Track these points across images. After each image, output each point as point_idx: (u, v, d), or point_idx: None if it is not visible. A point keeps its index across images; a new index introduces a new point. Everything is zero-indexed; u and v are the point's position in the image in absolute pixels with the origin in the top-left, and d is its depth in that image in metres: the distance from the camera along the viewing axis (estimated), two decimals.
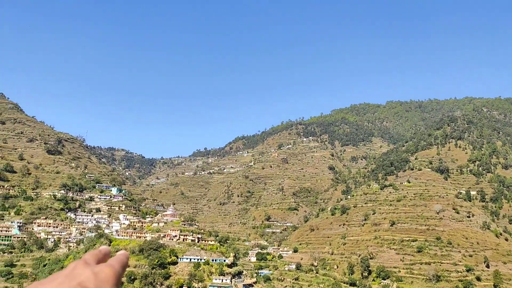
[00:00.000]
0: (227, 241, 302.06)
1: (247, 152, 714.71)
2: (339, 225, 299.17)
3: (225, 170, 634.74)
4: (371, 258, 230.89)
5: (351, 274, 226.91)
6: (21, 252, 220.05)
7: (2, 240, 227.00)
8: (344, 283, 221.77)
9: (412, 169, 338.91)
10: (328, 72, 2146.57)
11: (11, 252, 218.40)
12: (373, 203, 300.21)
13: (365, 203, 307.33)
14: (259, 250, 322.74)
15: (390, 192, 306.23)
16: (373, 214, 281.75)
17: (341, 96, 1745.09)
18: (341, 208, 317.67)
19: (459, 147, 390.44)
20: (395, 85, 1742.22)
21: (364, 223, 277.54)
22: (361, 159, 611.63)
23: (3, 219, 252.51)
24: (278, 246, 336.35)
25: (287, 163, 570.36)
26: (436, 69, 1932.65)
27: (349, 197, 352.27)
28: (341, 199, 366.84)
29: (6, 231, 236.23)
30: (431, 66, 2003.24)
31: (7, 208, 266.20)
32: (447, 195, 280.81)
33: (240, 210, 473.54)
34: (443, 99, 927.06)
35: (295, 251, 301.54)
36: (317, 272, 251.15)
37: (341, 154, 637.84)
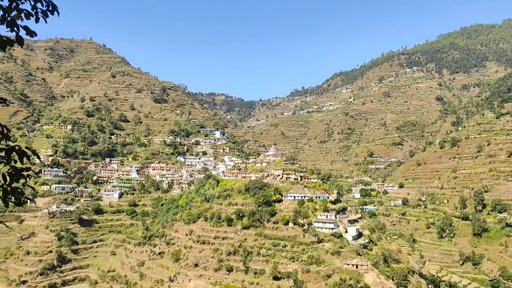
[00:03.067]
0: (330, 178, 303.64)
1: (346, 88, 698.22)
2: (449, 159, 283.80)
3: (324, 108, 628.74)
4: (485, 192, 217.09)
5: (463, 208, 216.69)
6: (141, 193, 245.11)
7: (125, 183, 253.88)
8: (456, 217, 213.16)
9: None
10: None
11: (132, 194, 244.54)
12: (488, 133, 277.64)
13: (478, 134, 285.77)
14: (363, 187, 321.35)
15: (508, 121, 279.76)
16: (488, 145, 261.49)
17: (449, 19, 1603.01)
18: (451, 140, 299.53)
19: None
20: None
21: (477, 155, 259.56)
22: (473, 87, 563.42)
23: (123, 164, 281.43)
24: (383, 182, 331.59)
25: (389, 96, 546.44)
26: None
27: (459, 128, 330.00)
28: (451, 131, 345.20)
29: (127, 175, 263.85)
30: None
31: (125, 154, 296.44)
32: None
33: (341, 148, 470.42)
34: None
35: (401, 186, 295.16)
36: (425, 207, 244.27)
37: (450, 83, 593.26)
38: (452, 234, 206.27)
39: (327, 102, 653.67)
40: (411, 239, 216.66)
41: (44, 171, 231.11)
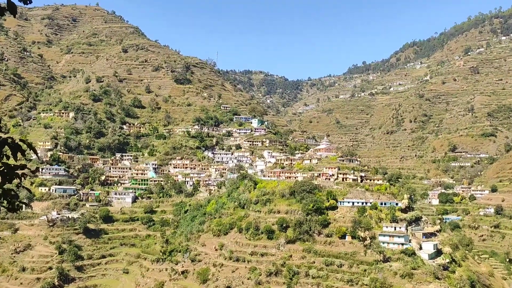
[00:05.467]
0: (399, 179, 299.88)
1: (421, 62, 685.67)
2: None
3: (391, 89, 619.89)
4: None
5: None
6: (160, 197, 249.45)
7: (139, 184, 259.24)
8: None
9: None
10: None
11: (149, 197, 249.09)
12: None
13: None
14: (443, 190, 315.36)
15: None
16: None
17: None
18: None
19: None
20: None
21: None
22: None
23: (137, 161, 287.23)
24: (469, 184, 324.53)
25: (478, 73, 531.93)
26: None
27: None
28: None
29: (142, 174, 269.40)
30: None
31: (140, 148, 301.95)
32: None
33: (414, 140, 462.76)
34: None
35: (494, 190, 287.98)
36: None
37: None
38: None
39: (396, 81, 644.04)
40: (507, 259, 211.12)
41: (42, 169, 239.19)
